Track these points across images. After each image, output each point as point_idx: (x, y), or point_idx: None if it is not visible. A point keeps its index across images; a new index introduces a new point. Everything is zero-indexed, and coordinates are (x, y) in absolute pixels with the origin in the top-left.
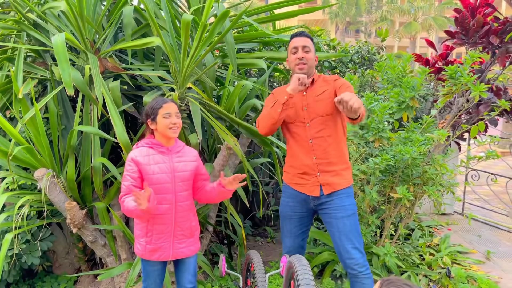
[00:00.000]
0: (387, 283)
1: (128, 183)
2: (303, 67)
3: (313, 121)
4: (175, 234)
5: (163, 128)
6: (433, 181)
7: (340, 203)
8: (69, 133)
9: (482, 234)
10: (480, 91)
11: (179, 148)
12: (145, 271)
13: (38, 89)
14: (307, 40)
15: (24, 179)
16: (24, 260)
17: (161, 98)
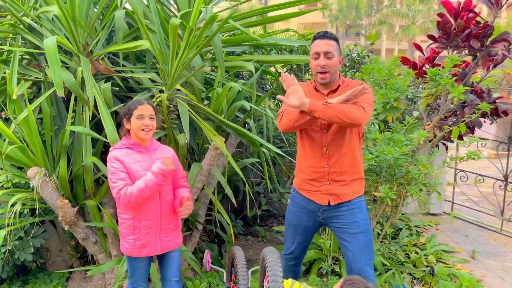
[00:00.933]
0: (349, 283)
1: (122, 176)
2: (325, 77)
3: (331, 128)
4: (162, 228)
5: (135, 128)
6: (416, 181)
7: (352, 219)
8: (61, 133)
9: (469, 234)
10: (458, 93)
11: (155, 147)
12: (132, 268)
13: (33, 90)
14: (331, 43)
15: (18, 178)
16: (17, 256)
17: (138, 99)
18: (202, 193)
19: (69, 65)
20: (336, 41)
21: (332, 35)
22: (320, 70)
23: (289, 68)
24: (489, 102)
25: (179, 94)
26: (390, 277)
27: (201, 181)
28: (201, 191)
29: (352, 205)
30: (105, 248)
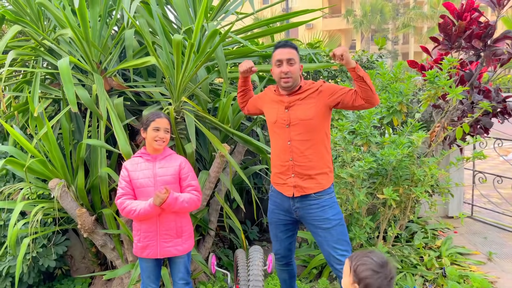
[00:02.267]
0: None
1: (123, 185)
2: (288, 81)
3: (293, 124)
4: (160, 233)
5: (150, 138)
6: (422, 183)
7: (324, 215)
8: (78, 146)
9: (488, 236)
10: (456, 94)
11: (162, 156)
12: (141, 267)
13: (55, 108)
14: (292, 51)
15: (42, 189)
16: (41, 263)
17: (157, 112)
18: (213, 200)
19: (85, 83)
20: (296, 49)
21: (292, 44)
22: (284, 76)
23: None
24: (497, 101)
25: (186, 106)
26: (401, 280)
27: (209, 188)
28: (212, 198)
29: (323, 202)
30: (121, 253)
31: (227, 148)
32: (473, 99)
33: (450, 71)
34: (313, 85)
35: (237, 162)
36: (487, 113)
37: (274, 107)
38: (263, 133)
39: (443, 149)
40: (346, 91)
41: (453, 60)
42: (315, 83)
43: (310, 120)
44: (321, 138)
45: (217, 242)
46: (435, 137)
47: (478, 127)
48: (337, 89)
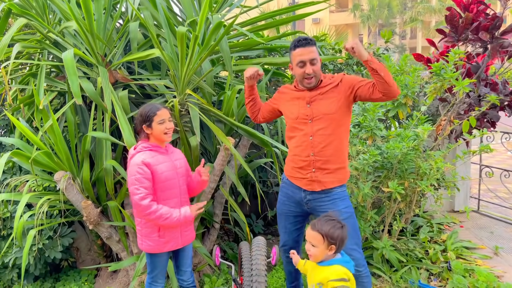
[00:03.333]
0: (322, 227)
1: (146, 185)
2: (312, 81)
3: (316, 119)
4: (182, 225)
5: (159, 133)
6: (428, 176)
7: (335, 208)
8: (83, 138)
9: (495, 231)
10: (462, 86)
11: (171, 149)
12: (153, 264)
13: (60, 101)
14: (313, 50)
15: (48, 182)
16: (47, 255)
17: (153, 104)
18: (218, 193)
19: (90, 76)
20: (315, 44)
21: (312, 40)
22: (307, 76)
23: None
24: (505, 94)
25: (190, 99)
26: (406, 273)
27: (214, 181)
28: (217, 191)
29: (334, 195)
30: (126, 246)
31: (231, 141)
32: (480, 92)
33: (456, 63)
34: (334, 79)
35: (242, 155)
36: (494, 107)
37: (295, 103)
38: (268, 126)
39: (449, 143)
40: (364, 83)
41: (460, 52)
42: (335, 76)
43: (333, 114)
44: (342, 132)
45: (222, 235)
46: (441, 130)
47: (485, 121)
48: (355, 81)
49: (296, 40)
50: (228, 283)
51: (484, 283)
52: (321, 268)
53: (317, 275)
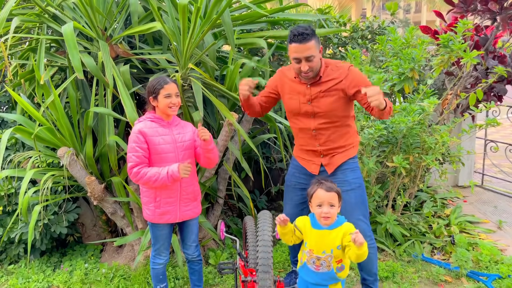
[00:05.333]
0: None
1: (139, 154)
2: (309, 75)
3: (318, 115)
4: (181, 198)
5: (163, 107)
6: (433, 151)
7: (344, 177)
8: (85, 114)
9: (498, 205)
10: (470, 58)
11: (177, 122)
12: (154, 236)
13: (61, 76)
14: (310, 46)
15: (51, 158)
16: (53, 230)
17: (163, 78)
18: (222, 168)
19: (91, 50)
20: (313, 36)
21: (308, 35)
22: (303, 72)
23: None
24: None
25: (193, 73)
26: (409, 247)
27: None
28: (221, 167)
29: (345, 165)
30: (131, 221)
31: (235, 116)
32: (487, 65)
33: (465, 34)
34: (339, 73)
35: (245, 131)
36: (501, 80)
37: (295, 98)
38: None
39: (455, 117)
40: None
41: (468, 23)
42: (340, 67)
43: (335, 111)
44: (347, 119)
45: (226, 211)
46: (447, 105)
47: (491, 95)
48: (360, 84)
49: (292, 34)
50: (232, 257)
51: (488, 256)
52: (334, 231)
53: (332, 239)
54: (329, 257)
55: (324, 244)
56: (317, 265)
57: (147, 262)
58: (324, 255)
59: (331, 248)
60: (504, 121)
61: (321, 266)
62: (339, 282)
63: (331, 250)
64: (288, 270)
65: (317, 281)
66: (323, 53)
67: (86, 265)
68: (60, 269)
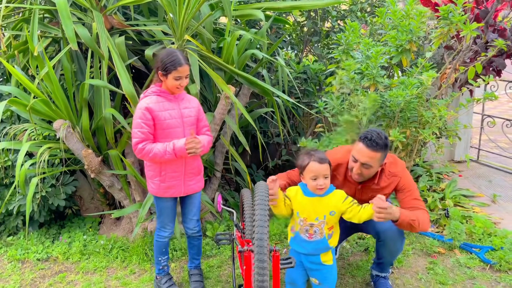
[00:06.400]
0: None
1: (144, 130)
2: (356, 178)
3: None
4: (186, 173)
5: (171, 86)
6: (430, 125)
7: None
8: (80, 86)
9: (493, 180)
10: (470, 30)
11: (182, 96)
12: (159, 209)
13: (56, 48)
14: (373, 156)
15: (47, 131)
16: (51, 202)
17: (178, 57)
18: (219, 142)
19: (85, 21)
20: (384, 149)
21: (380, 146)
22: (353, 173)
23: (306, 16)
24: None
25: (189, 45)
26: None
27: (214, 130)
28: (218, 141)
29: None
30: (128, 194)
31: (232, 90)
32: (487, 38)
33: (466, 5)
34: (390, 182)
35: (243, 104)
36: (500, 54)
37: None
38: (269, 76)
39: (453, 91)
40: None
41: None
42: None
43: None
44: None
45: (223, 185)
46: (445, 79)
47: (490, 69)
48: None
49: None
50: (229, 229)
51: (481, 229)
52: (326, 198)
53: (326, 205)
54: (322, 223)
55: (317, 211)
56: (310, 233)
57: (145, 234)
58: (317, 221)
59: (324, 214)
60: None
61: (314, 234)
62: (329, 251)
63: (324, 216)
64: (284, 243)
65: (310, 251)
66: (322, 26)
67: (84, 237)
68: (59, 240)
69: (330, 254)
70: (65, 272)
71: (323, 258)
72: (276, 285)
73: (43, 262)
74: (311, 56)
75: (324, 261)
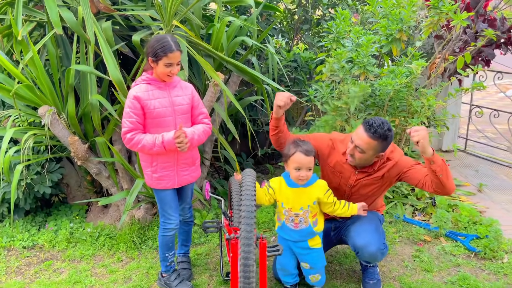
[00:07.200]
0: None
1: (133, 120)
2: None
3: (354, 197)
4: (179, 163)
5: (161, 73)
6: (419, 114)
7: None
8: (66, 72)
9: (480, 169)
10: (460, 20)
11: (175, 83)
12: (159, 199)
13: (41, 32)
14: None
15: (33, 117)
16: (36, 189)
17: (169, 43)
18: None
19: (70, 5)
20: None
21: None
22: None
23: (297, 3)
24: (502, 31)
25: (178, 31)
26: (392, 209)
27: None
28: None
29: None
30: (116, 181)
31: (221, 77)
32: (477, 28)
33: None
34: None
35: (232, 92)
36: (490, 44)
37: (337, 175)
38: (259, 63)
39: (442, 81)
40: (414, 171)
41: None
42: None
43: (372, 196)
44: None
45: (213, 173)
46: (435, 68)
47: (479, 59)
48: (405, 168)
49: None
50: (218, 217)
51: (467, 217)
52: (309, 188)
53: (309, 195)
54: (307, 213)
55: (301, 201)
56: (296, 222)
57: (133, 222)
58: (302, 211)
59: (308, 204)
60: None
61: (299, 223)
62: (316, 236)
63: (308, 206)
64: (273, 230)
65: (297, 238)
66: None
67: (71, 224)
68: (45, 228)
69: (318, 238)
70: (51, 260)
71: (310, 243)
72: (262, 272)
73: (29, 250)
74: (302, 44)
75: (312, 246)
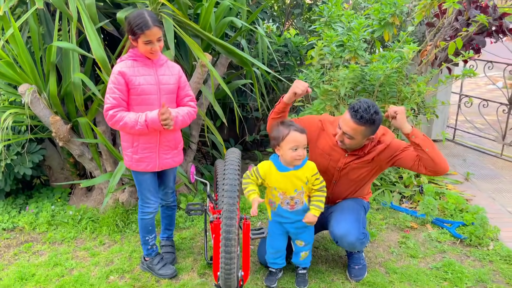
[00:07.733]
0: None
1: (116, 96)
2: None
3: (341, 183)
4: (161, 145)
5: (143, 51)
6: (409, 100)
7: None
8: (47, 49)
9: (468, 159)
10: (453, 2)
11: (162, 62)
12: (137, 182)
13: (24, 9)
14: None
15: (13, 96)
16: (17, 170)
17: (145, 19)
18: None
19: None
20: (372, 125)
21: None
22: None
23: None
24: (494, 18)
25: (164, 9)
26: (379, 196)
27: None
28: None
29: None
30: (99, 164)
31: (208, 58)
32: (469, 15)
33: None
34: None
35: (220, 74)
36: (481, 32)
37: (326, 158)
38: (249, 47)
39: (433, 69)
40: (407, 152)
41: None
42: (379, 144)
43: (361, 181)
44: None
45: (200, 158)
46: (426, 55)
47: (470, 48)
48: (397, 150)
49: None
50: (204, 201)
51: (453, 205)
52: (301, 170)
53: (301, 177)
54: (301, 193)
55: (294, 184)
56: (292, 204)
57: (116, 205)
58: (296, 193)
59: (301, 185)
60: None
61: (295, 205)
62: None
63: (302, 187)
64: (260, 216)
65: (294, 218)
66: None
67: (53, 207)
68: (25, 210)
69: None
70: (31, 242)
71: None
72: (246, 253)
73: (9, 232)
74: (293, 29)
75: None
